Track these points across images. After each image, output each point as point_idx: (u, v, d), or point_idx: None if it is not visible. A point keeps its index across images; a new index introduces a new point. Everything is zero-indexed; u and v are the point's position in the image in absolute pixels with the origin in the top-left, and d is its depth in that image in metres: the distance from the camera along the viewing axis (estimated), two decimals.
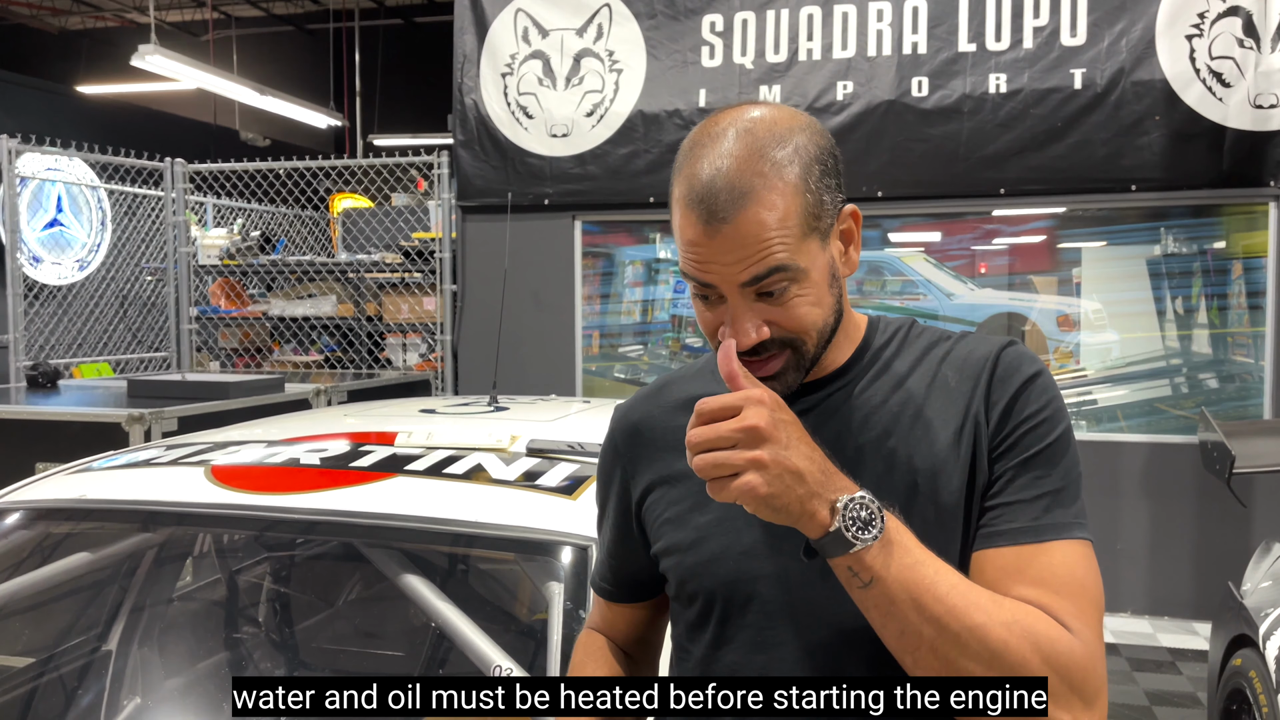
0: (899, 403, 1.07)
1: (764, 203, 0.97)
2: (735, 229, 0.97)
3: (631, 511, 1.19)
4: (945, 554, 0.96)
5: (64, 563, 2.00)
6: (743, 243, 0.98)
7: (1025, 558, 0.98)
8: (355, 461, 1.95)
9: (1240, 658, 2.70)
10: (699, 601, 1.10)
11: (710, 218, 0.98)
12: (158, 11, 10.49)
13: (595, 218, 5.61)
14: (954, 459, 1.03)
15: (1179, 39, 4.70)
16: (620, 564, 1.24)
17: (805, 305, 1.01)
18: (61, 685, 2.15)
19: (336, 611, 2.51)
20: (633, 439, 1.20)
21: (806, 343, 1.03)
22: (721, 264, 0.99)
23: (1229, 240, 4.97)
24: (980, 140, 4.90)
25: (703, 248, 0.99)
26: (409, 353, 5.97)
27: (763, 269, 0.98)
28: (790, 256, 0.99)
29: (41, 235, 7.57)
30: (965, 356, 1.08)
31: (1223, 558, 4.63)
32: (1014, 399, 1.03)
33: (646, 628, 1.28)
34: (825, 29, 5.09)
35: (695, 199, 0.99)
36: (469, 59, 5.58)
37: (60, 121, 8.67)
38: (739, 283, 0.99)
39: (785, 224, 0.98)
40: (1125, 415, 5.08)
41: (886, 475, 1.03)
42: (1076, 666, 0.93)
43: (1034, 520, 0.99)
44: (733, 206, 0.97)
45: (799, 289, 1.01)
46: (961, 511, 1.02)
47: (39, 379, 4.91)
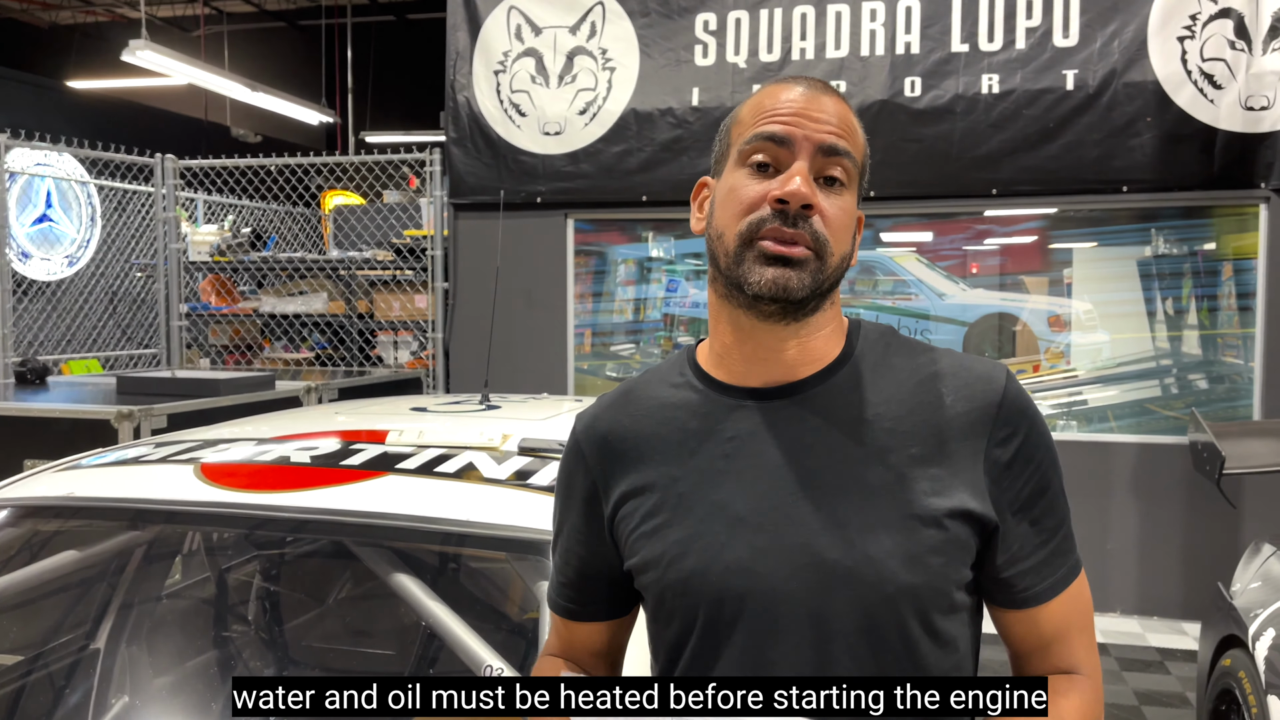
0: (885, 403, 1.05)
1: (850, 113, 1.07)
2: (832, 100, 1.05)
3: (605, 525, 1.12)
4: (894, 518, 0.99)
5: (52, 560, 1.98)
6: (836, 113, 1.04)
7: (1061, 612, 1.06)
8: (346, 460, 1.94)
9: (1229, 658, 2.71)
10: (679, 620, 1.06)
11: (809, 85, 1.06)
12: (149, 6, 10.44)
13: (588, 216, 5.60)
14: (949, 474, 1.01)
15: (1171, 41, 4.71)
16: (589, 581, 1.17)
17: (845, 219, 1.04)
18: (49, 683, 2.14)
19: (327, 610, 2.50)
20: (602, 450, 1.13)
21: (830, 255, 1.02)
22: (812, 120, 1.03)
23: (1219, 242, 4.99)
24: (973, 140, 4.91)
25: (795, 104, 1.04)
26: (400, 350, 5.96)
27: (844, 145, 1.03)
28: (856, 164, 1.05)
29: (30, 231, 7.53)
30: (955, 372, 1.06)
31: (1212, 558, 4.65)
32: (1023, 445, 1.04)
33: (611, 646, 1.22)
34: (818, 28, 5.09)
35: (789, 80, 1.07)
36: (461, 56, 5.57)
37: (50, 116, 8.63)
38: (820, 144, 1.02)
39: (859, 139, 1.06)
40: (1116, 415, 5.09)
41: (865, 467, 1.02)
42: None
43: (1058, 572, 1.06)
44: (830, 89, 1.07)
45: (844, 201, 1.04)
46: (953, 527, 1.00)
47: (27, 375, 4.89)
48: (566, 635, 1.22)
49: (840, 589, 0.99)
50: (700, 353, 1.14)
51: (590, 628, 1.20)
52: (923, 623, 1.00)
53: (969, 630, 1.06)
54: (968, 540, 1.01)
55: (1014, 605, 1.06)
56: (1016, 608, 1.06)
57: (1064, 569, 1.06)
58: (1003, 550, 1.03)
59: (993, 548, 1.03)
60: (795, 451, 1.03)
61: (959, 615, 1.03)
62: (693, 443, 1.07)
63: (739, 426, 1.06)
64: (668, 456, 1.08)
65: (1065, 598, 1.06)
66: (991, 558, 1.04)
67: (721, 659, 1.03)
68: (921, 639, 1.00)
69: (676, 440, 1.08)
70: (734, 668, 1.02)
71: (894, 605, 0.99)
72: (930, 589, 0.99)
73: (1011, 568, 1.04)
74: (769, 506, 1.02)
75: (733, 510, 1.03)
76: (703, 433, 1.07)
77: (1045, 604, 1.05)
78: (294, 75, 11.42)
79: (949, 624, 1.02)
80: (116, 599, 2.22)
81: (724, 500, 1.03)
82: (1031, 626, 1.07)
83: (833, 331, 1.08)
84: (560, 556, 1.20)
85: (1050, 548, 1.05)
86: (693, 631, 1.05)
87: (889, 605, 0.99)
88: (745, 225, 1.02)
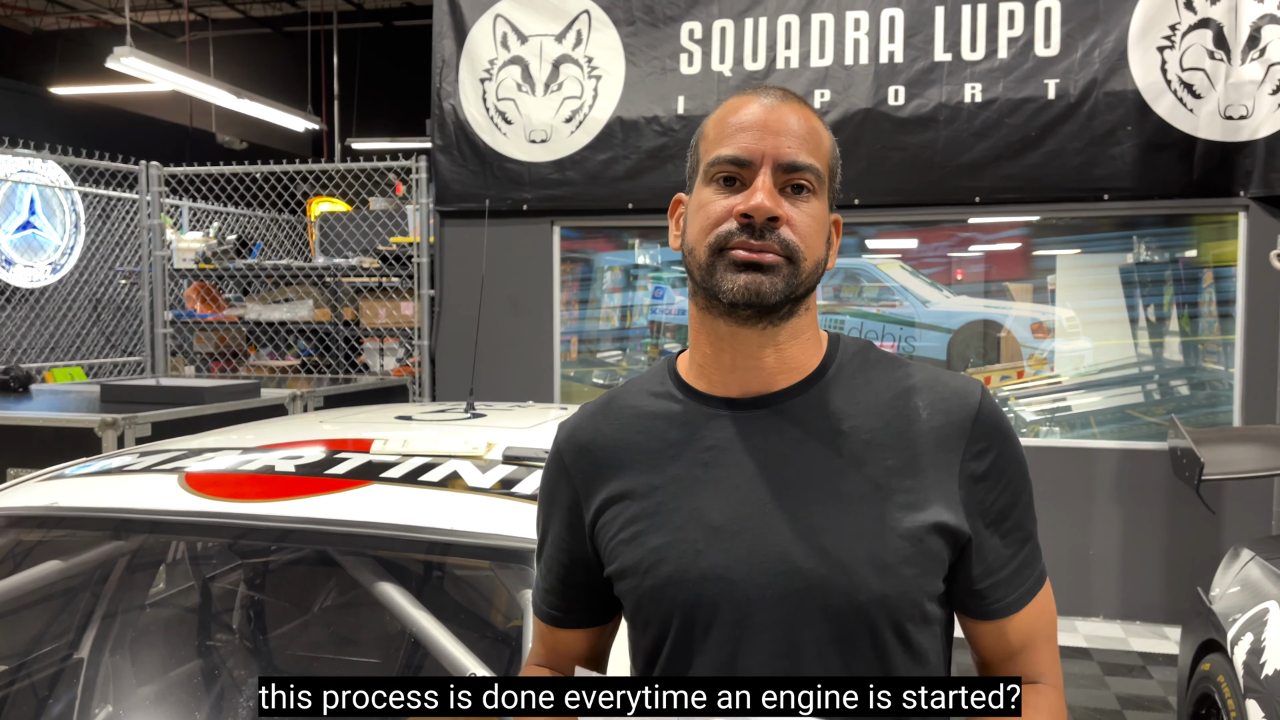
0: (862, 415, 1.06)
1: (812, 117, 1.08)
2: (793, 111, 1.06)
3: (585, 532, 1.14)
4: (868, 528, 1.02)
5: (35, 570, 1.98)
6: (795, 126, 1.05)
7: (1029, 622, 1.09)
8: (330, 469, 1.95)
9: (1209, 662, 2.73)
10: (655, 625, 1.07)
11: (769, 97, 1.07)
12: (133, 13, 10.41)
13: (574, 223, 5.61)
14: (924, 487, 1.03)
15: (1151, 50, 4.76)
16: (571, 588, 1.18)
17: (814, 225, 1.05)
18: (32, 693, 2.13)
19: (311, 619, 2.50)
20: (583, 458, 1.14)
21: (802, 260, 1.04)
22: (775, 135, 1.04)
23: (1200, 249, 5.03)
24: (956, 149, 4.95)
25: (757, 120, 1.05)
26: (386, 358, 5.95)
27: (806, 160, 1.04)
28: (820, 168, 1.06)
29: (14, 238, 7.49)
30: (931, 386, 1.08)
31: (1193, 563, 4.69)
32: (997, 459, 1.06)
33: (595, 652, 1.23)
34: (803, 37, 5.12)
35: (750, 92, 1.08)
36: (448, 64, 5.58)
37: (33, 123, 8.59)
38: (783, 160, 1.04)
39: (823, 145, 1.07)
40: (1098, 421, 5.13)
41: (842, 477, 1.03)
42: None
43: (1026, 583, 1.09)
44: (790, 98, 1.08)
45: (812, 208, 1.05)
46: (926, 539, 1.02)
47: (10, 383, 4.86)
48: (551, 642, 1.23)
49: (813, 597, 1.00)
50: (681, 363, 1.16)
51: (574, 634, 1.21)
52: (896, 632, 1.01)
53: (940, 643, 1.08)
54: (940, 552, 1.03)
55: (985, 616, 1.08)
56: (987, 618, 1.08)
57: (1031, 579, 1.09)
58: (977, 563, 1.06)
59: (966, 560, 1.05)
60: (772, 461, 1.05)
61: (931, 627, 1.05)
62: (672, 451, 1.09)
63: (717, 436, 1.07)
64: (647, 465, 1.10)
65: (1032, 608, 1.09)
66: (966, 570, 1.06)
67: (695, 664, 1.05)
68: (895, 650, 1.02)
69: (656, 449, 1.10)
70: (707, 673, 1.04)
71: (866, 614, 1.00)
72: (903, 598, 1.01)
73: (984, 580, 1.06)
74: (745, 515, 1.03)
75: (709, 518, 1.04)
76: (681, 442, 1.09)
77: (1014, 615, 1.08)
78: (280, 82, 11.40)
79: (922, 635, 1.04)
80: (100, 608, 2.22)
81: (701, 508, 1.05)
82: (1000, 637, 1.09)
83: (810, 340, 1.10)
84: (544, 564, 1.22)
85: (1020, 559, 1.08)
86: (668, 637, 1.06)
87: (861, 614, 1.00)
88: (714, 238, 1.04)
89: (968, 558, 1.05)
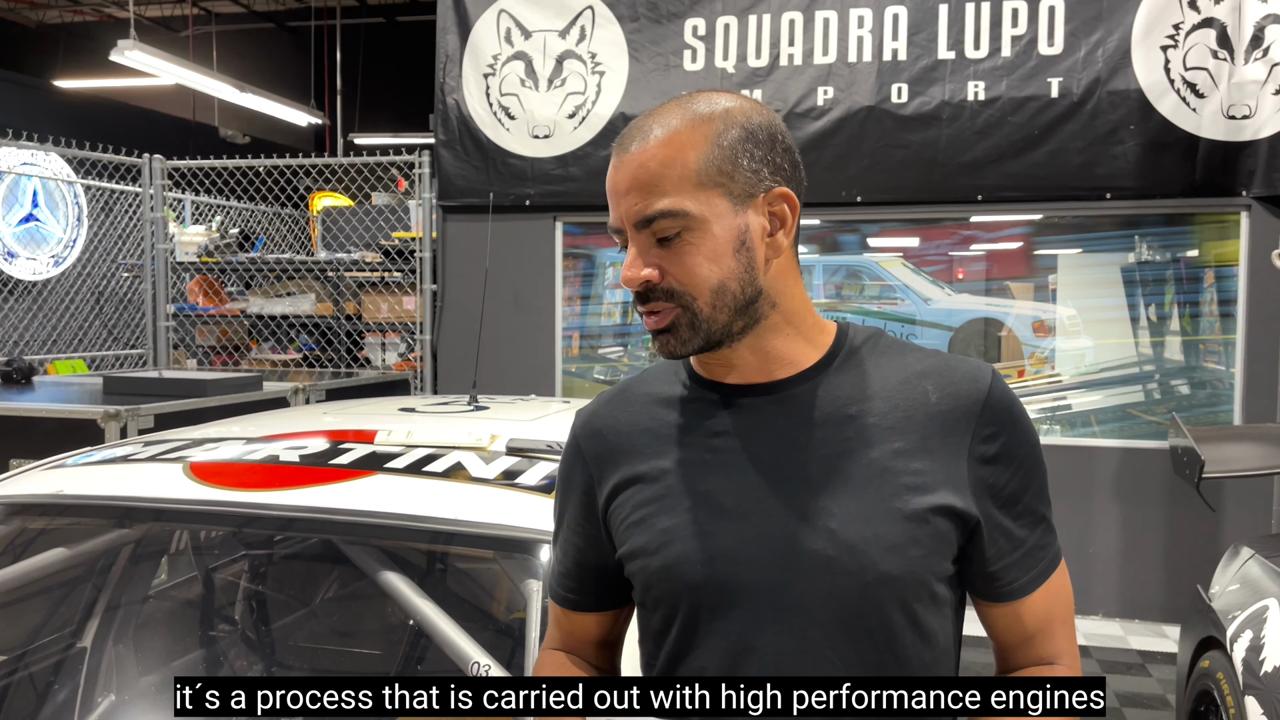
0: (869, 399, 1.06)
1: (666, 141, 1.02)
2: (634, 159, 1.02)
3: (599, 516, 1.16)
4: (876, 510, 1.02)
5: (39, 559, 1.98)
6: (638, 175, 1.01)
7: (1044, 604, 1.10)
8: (335, 459, 1.95)
9: (1208, 659, 2.74)
10: (663, 606, 1.09)
11: (618, 150, 1.04)
12: (137, 6, 10.41)
13: (576, 219, 5.62)
14: (932, 469, 1.03)
15: (1154, 50, 4.76)
16: (586, 571, 1.20)
17: (698, 257, 1.02)
18: (35, 682, 2.14)
19: (314, 609, 2.51)
20: (597, 442, 1.17)
21: (698, 299, 1.02)
22: (623, 196, 1.03)
23: (1201, 249, 5.04)
24: (958, 147, 4.95)
25: (612, 186, 1.05)
26: (388, 352, 5.95)
27: (653, 210, 1.01)
28: (680, 202, 1.01)
29: (16, 230, 7.50)
30: (941, 370, 1.08)
31: (1192, 561, 4.70)
32: (1007, 442, 1.06)
33: (610, 636, 1.25)
34: (806, 35, 5.12)
35: (614, 146, 1.06)
36: (451, 59, 5.58)
37: (37, 116, 8.60)
38: (634, 219, 1.02)
39: (684, 165, 1.01)
40: (1098, 420, 5.14)
41: (849, 460, 1.03)
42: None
43: (1039, 565, 1.09)
44: (636, 140, 1.03)
45: (693, 238, 1.02)
46: (934, 520, 1.02)
47: (13, 375, 4.87)
48: (567, 626, 1.25)
49: (821, 577, 1.01)
50: None
51: (589, 618, 1.23)
52: (905, 613, 1.02)
53: (950, 626, 1.08)
54: (948, 534, 1.03)
55: (998, 599, 1.09)
56: (1000, 601, 1.09)
57: (1045, 561, 1.09)
58: (989, 545, 1.06)
59: (977, 543, 1.06)
60: (781, 445, 1.06)
61: (940, 609, 1.06)
62: (682, 437, 1.11)
63: (726, 421, 1.09)
64: (657, 450, 1.11)
65: (1047, 589, 1.09)
66: (977, 553, 1.06)
67: (703, 645, 1.06)
68: (904, 629, 1.03)
69: (666, 434, 1.12)
70: (716, 654, 1.05)
71: (874, 594, 1.01)
72: (910, 578, 1.01)
73: (996, 562, 1.07)
74: (754, 498, 1.05)
75: (718, 501, 1.06)
76: (691, 427, 1.11)
77: (1028, 596, 1.09)
78: (283, 76, 11.40)
79: (930, 616, 1.04)
80: (104, 597, 2.22)
81: (710, 491, 1.06)
82: (1015, 620, 1.10)
83: (798, 332, 1.09)
84: (560, 548, 1.24)
85: (1032, 541, 1.08)
86: (676, 618, 1.08)
87: (869, 594, 1.01)
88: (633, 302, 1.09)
89: (979, 540, 1.06)
